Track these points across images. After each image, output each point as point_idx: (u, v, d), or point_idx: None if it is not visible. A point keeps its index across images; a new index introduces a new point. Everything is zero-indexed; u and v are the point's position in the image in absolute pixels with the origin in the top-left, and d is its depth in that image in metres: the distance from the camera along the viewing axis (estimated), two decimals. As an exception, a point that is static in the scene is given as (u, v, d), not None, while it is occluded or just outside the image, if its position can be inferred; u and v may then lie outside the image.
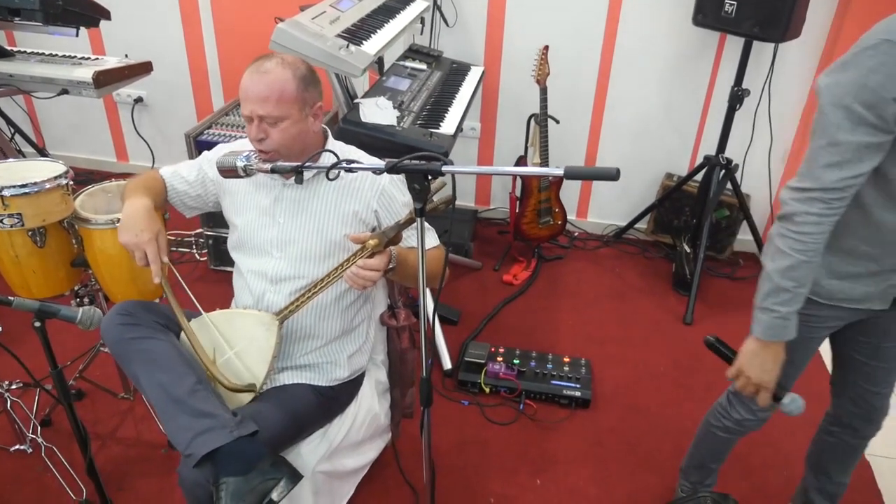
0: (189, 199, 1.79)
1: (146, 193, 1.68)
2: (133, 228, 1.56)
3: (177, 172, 1.78)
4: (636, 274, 3.34)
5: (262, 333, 1.58)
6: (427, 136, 2.18)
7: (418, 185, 1.19)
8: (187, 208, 1.82)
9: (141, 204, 1.61)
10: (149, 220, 1.58)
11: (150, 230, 1.57)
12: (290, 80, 1.52)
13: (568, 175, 1.05)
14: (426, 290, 1.55)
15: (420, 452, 2.28)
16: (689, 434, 2.39)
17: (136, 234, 1.55)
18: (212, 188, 1.77)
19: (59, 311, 1.35)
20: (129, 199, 1.63)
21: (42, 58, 2.73)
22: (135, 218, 1.58)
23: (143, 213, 1.59)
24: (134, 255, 1.57)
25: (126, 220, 1.58)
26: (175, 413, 1.48)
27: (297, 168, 1.34)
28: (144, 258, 1.56)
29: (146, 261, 1.56)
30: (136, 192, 1.67)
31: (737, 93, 2.89)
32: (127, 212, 1.60)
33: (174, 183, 1.78)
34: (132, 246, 1.56)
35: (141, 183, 1.72)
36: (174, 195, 1.78)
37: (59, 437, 2.24)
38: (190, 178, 1.77)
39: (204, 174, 1.76)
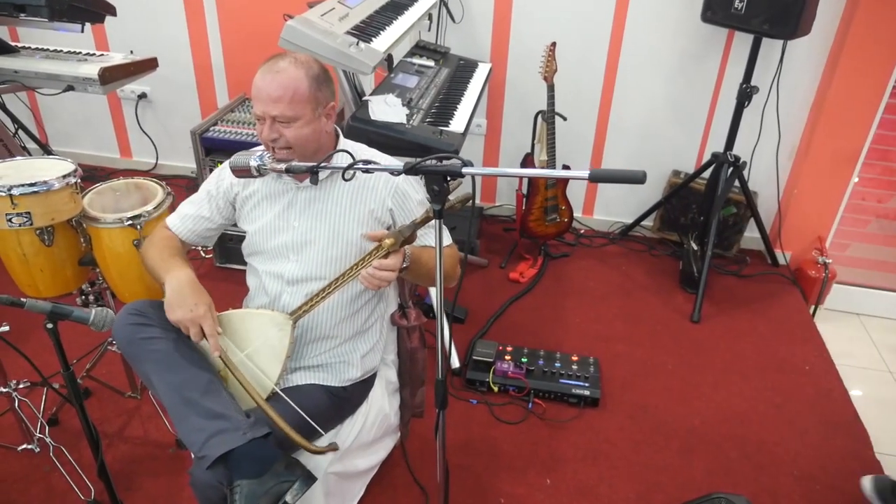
0: (207, 231, 1.77)
1: (180, 260, 1.65)
2: (185, 304, 1.52)
3: (185, 216, 1.76)
4: (643, 272, 3.33)
5: (276, 334, 1.57)
6: (437, 134, 2.16)
7: (437, 187, 1.17)
8: (209, 240, 1.81)
9: (185, 276, 1.57)
10: (199, 293, 1.56)
11: (203, 303, 1.54)
12: (303, 80, 1.50)
13: (593, 178, 1.03)
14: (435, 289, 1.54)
15: (429, 452, 2.29)
16: (698, 432, 2.40)
17: (191, 308, 1.52)
18: (225, 210, 1.75)
19: (72, 313, 1.34)
20: (168, 273, 1.58)
21: (47, 54, 2.70)
22: (184, 293, 1.54)
23: (191, 285, 1.56)
24: (188, 331, 1.53)
25: (175, 297, 1.53)
26: (187, 414, 1.47)
27: (312, 168, 1.33)
28: (200, 334, 1.53)
29: (201, 336, 1.53)
30: (168, 262, 1.63)
31: (745, 90, 2.88)
32: (173, 287, 1.55)
33: (188, 226, 1.75)
34: (187, 322, 1.52)
35: (164, 251, 1.68)
36: (193, 238, 1.77)
37: (66, 436, 2.23)
38: (205, 213, 1.74)
39: (215, 202, 1.74)
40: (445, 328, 2.68)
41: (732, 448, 2.35)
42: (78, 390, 1.43)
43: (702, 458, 2.30)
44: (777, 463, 2.30)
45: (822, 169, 3.13)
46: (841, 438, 2.41)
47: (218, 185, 1.72)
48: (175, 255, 1.66)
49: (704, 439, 2.37)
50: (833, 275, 3.14)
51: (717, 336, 2.90)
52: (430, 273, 1.60)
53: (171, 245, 1.71)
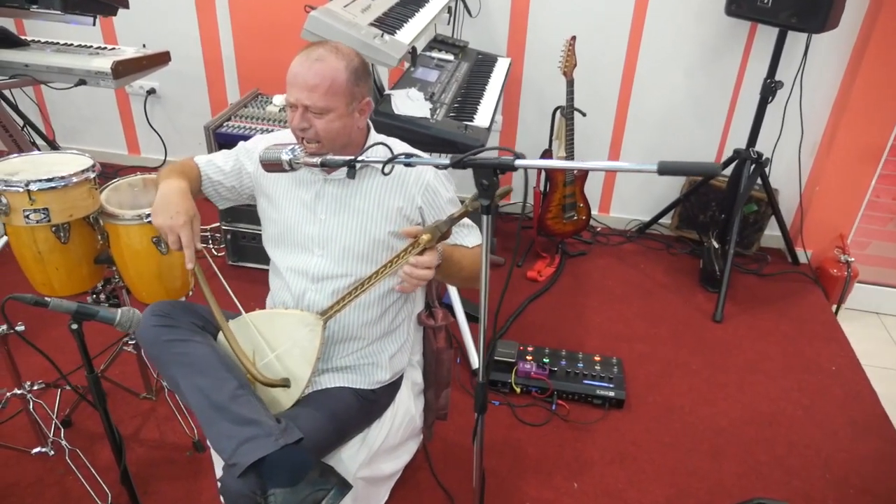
0: (224, 189, 1.72)
1: (181, 177, 1.61)
2: (167, 210, 1.49)
3: (212, 161, 1.71)
4: (661, 270, 3.28)
5: (306, 334, 1.51)
6: (462, 129, 2.11)
7: (486, 181, 1.12)
8: (221, 199, 1.75)
9: (176, 185, 1.54)
10: (184, 203, 1.51)
11: (185, 213, 1.49)
12: (342, 72, 1.45)
13: (662, 171, 0.98)
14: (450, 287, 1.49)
15: (453, 455, 2.24)
16: (726, 434, 2.35)
17: (171, 216, 1.48)
18: (247, 181, 1.70)
19: (98, 313, 1.28)
20: (164, 181, 1.56)
21: (57, 47, 2.64)
22: (169, 199, 1.51)
23: (178, 194, 1.52)
24: (167, 238, 1.50)
25: (160, 202, 1.51)
26: (217, 419, 1.41)
27: (349, 163, 1.27)
28: (178, 242, 1.49)
29: (179, 244, 1.49)
30: (171, 175, 1.60)
31: (770, 85, 2.82)
32: (161, 193, 1.52)
33: (209, 172, 1.70)
34: (166, 229, 1.48)
35: (176, 168, 1.65)
36: (208, 184, 1.71)
37: (80, 438, 2.17)
38: (226, 167, 1.70)
39: (241, 165, 1.69)
40: (465, 327, 2.65)
41: (762, 451, 2.30)
42: (102, 394, 1.38)
43: (732, 461, 2.25)
44: (808, 466, 2.25)
45: (845, 166, 3.08)
46: (872, 440, 2.36)
47: (249, 154, 1.67)
48: (182, 174, 1.62)
49: (733, 441, 2.32)
50: (855, 273, 3.09)
51: (741, 336, 2.85)
52: (460, 272, 1.55)
53: (185, 171, 1.66)
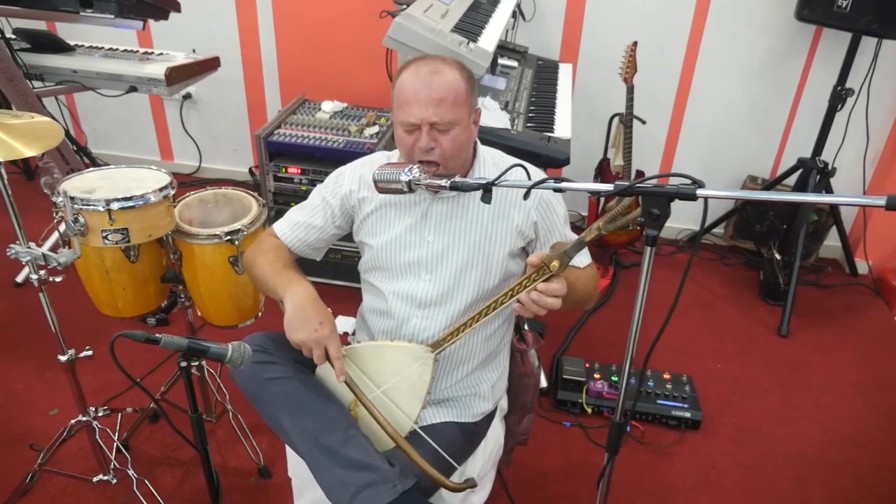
0: (318, 242, 1.60)
1: (297, 273, 1.49)
2: (310, 323, 1.36)
3: (296, 224, 1.58)
4: (718, 282, 3.18)
5: (416, 368, 1.41)
6: (545, 141, 2.01)
7: (658, 211, 1.02)
8: (318, 252, 1.63)
9: (306, 292, 1.40)
10: (322, 310, 1.39)
11: (328, 321, 1.38)
12: (461, 82, 1.35)
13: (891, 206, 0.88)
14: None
15: (529, 482, 2.15)
16: (808, 458, 2.26)
17: (315, 328, 1.35)
18: (342, 221, 1.58)
19: (209, 350, 1.18)
20: (287, 288, 1.41)
21: (104, 52, 2.55)
22: (306, 310, 1.37)
23: (314, 303, 1.39)
24: (310, 353, 1.37)
25: (298, 316, 1.37)
26: (328, 464, 1.31)
27: (486, 185, 1.17)
28: (324, 356, 1.37)
29: (325, 359, 1.37)
30: (284, 275, 1.46)
31: (840, 92, 2.73)
32: (294, 305, 1.38)
33: (299, 236, 1.58)
34: (311, 343, 1.35)
35: (276, 262, 1.51)
36: (302, 248, 1.59)
37: (138, 464, 2.07)
38: (316, 222, 1.57)
39: (329, 210, 1.57)
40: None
41: (847, 474, 2.21)
42: (204, 435, 1.28)
43: (817, 485, 2.16)
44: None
45: (909, 175, 2.99)
46: (960, 463, 2.28)
47: (335, 191, 1.55)
48: (290, 267, 1.50)
49: (817, 465, 2.23)
50: (919, 285, 3.01)
51: (809, 351, 2.76)
52: (576, 297, 1.45)
53: (283, 255, 1.55)
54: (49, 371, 2.41)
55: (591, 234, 1.28)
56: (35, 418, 2.25)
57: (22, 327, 2.62)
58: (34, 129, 1.48)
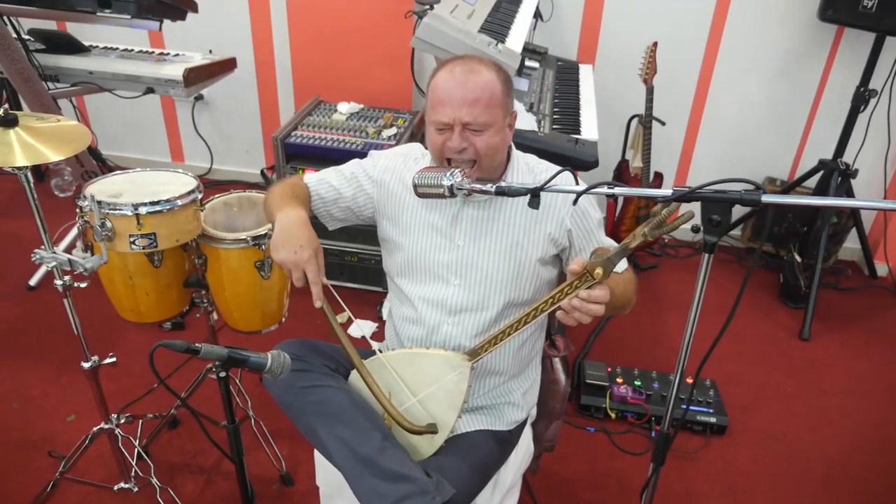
0: (338, 210, 1.57)
1: (296, 202, 1.46)
2: (291, 244, 1.33)
3: (325, 180, 1.56)
4: (736, 284, 3.15)
5: (452, 377, 1.37)
6: (572, 143, 1.98)
7: (719, 217, 0.99)
8: (332, 220, 1.60)
9: (296, 215, 1.38)
10: (308, 235, 1.35)
11: (310, 246, 1.33)
12: (497, 83, 1.33)
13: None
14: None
15: (555, 488, 2.11)
16: (837, 464, 2.23)
17: (295, 250, 1.32)
18: (367, 203, 1.55)
19: (248, 359, 1.15)
20: (281, 210, 1.40)
21: (121, 53, 2.52)
22: (290, 232, 1.35)
23: (299, 225, 1.36)
24: (290, 274, 1.34)
25: (281, 235, 1.35)
26: (365, 475, 1.28)
27: (534, 191, 1.14)
28: (303, 279, 1.33)
29: (304, 281, 1.33)
30: (286, 201, 1.44)
31: (862, 93, 2.71)
32: (281, 225, 1.36)
33: (321, 191, 1.55)
34: (290, 264, 1.32)
35: (287, 191, 1.49)
36: (320, 204, 1.56)
37: (158, 472, 2.03)
38: (342, 188, 1.54)
39: (360, 186, 1.54)
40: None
41: (877, 481, 2.18)
42: (241, 446, 1.24)
43: (847, 492, 2.13)
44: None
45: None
46: None
47: (368, 172, 1.53)
48: (296, 198, 1.47)
49: (845, 471, 2.21)
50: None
51: (831, 355, 2.74)
52: (616, 302, 1.42)
53: (299, 193, 1.51)
54: (64, 376, 2.38)
55: (635, 240, 1.24)
56: (52, 425, 2.21)
57: (36, 332, 2.58)
58: (62, 133, 1.45)
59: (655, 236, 1.22)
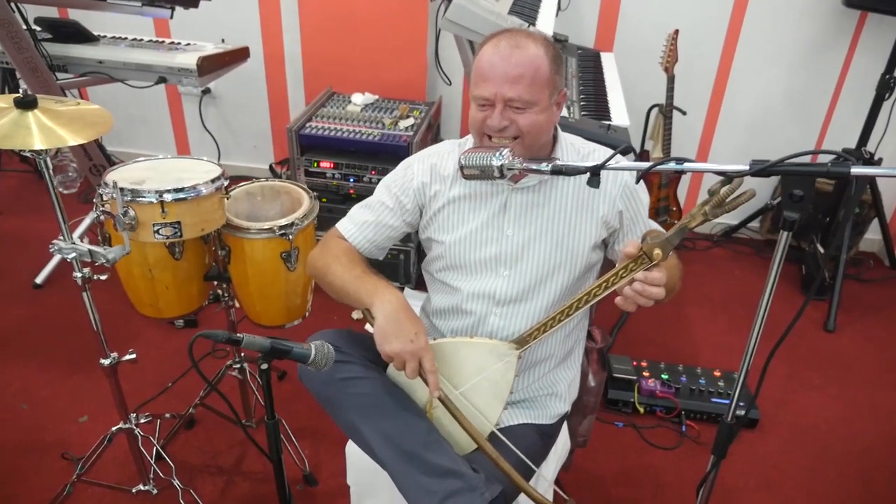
0: (387, 240, 1.49)
1: (383, 279, 1.37)
2: (405, 333, 1.24)
3: (363, 224, 1.47)
4: (757, 276, 3.10)
5: (499, 367, 1.31)
6: (604, 129, 1.92)
7: (801, 192, 0.94)
8: (382, 252, 1.52)
9: (398, 300, 1.28)
10: (418, 321, 1.28)
11: (423, 333, 1.27)
12: (544, 59, 1.26)
13: None
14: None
15: (585, 485, 2.05)
16: (870, 457, 2.18)
17: (411, 339, 1.24)
18: (413, 218, 1.47)
19: (292, 350, 1.08)
20: (376, 295, 1.29)
21: (131, 43, 2.44)
22: (401, 320, 1.26)
23: (408, 311, 1.28)
24: (405, 366, 1.26)
25: (391, 325, 1.25)
26: (411, 471, 1.22)
27: (594, 168, 1.08)
28: (417, 370, 1.26)
29: (418, 372, 1.26)
30: (368, 280, 1.34)
31: (888, 80, 2.66)
32: (386, 313, 1.26)
33: (368, 235, 1.47)
34: (407, 355, 1.24)
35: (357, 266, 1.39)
36: (370, 249, 1.48)
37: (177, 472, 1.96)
38: (387, 220, 1.46)
39: (402, 207, 1.45)
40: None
41: (913, 473, 2.13)
42: (279, 443, 1.18)
43: (885, 485, 2.08)
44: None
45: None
46: None
47: (405, 187, 1.44)
48: (370, 272, 1.39)
49: (880, 464, 2.16)
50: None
51: (858, 346, 2.69)
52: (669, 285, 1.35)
53: (357, 258, 1.44)
54: (75, 376, 2.31)
55: (694, 220, 1.19)
56: (64, 426, 2.14)
57: (44, 331, 2.50)
58: (83, 116, 1.38)
59: (717, 215, 1.17)
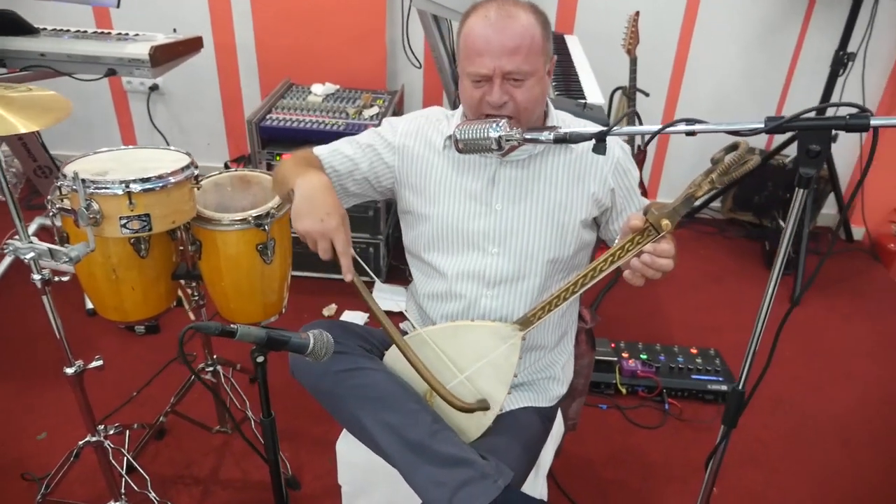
0: (353, 183, 1.43)
1: (318, 170, 1.33)
2: (316, 211, 1.19)
3: (338, 150, 1.42)
4: (723, 255, 3.16)
5: (503, 350, 1.26)
6: (580, 108, 1.90)
7: (819, 147, 0.92)
8: (347, 195, 1.45)
9: (318, 180, 1.24)
10: (334, 201, 1.22)
11: (337, 213, 1.20)
12: (537, 27, 1.22)
13: None
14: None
15: (574, 468, 2.03)
16: (848, 421, 2.23)
17: (321, 217, 1.18)
18: (385, 174, 1.42)
19: (290, 340, 1.01)
20: (300, 175, 1.25)
21: (74, 34, 2.29)
22: (315, 198, 1.21)
23: (325, 191, 1.22)
24: (316, 245, 1.20)
25: (304, 203, 1.21)
26: (418, 462, 1.16)
27: (600, 135, 1.04)
28: (330, 250, 1.20)
29: (331, 253, 1.20)
30: (301, 168, 1.30)
31: (841, 57, 2.72)
32: (303, 191, 1.22)
33: (333, 163, 1.41)
34: (316, 234, 1.19)
35: (301, 163, 1.36)
36: (334, 178, 1.41)
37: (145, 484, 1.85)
38: (358, 159, 1.41)
39: (376, 153, 1.41)
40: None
41: (891, 437, 2.19)
42: (277, 442, 1.10)
43: (863, 450, 2.13)
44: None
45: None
46: None
47: (387, 139, 1.40)
48: (312, 167, 1.34)
49: (858, 427, 2.21)
50: (917, 247, 3.05)
51: (823, 317, 2.76)
52: None
53: (314, 163, 1.38)
54: (30, 391, 2.16)
55: (701, 189, 1.17)
56: (20, 445, 1.99)
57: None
58: (37, 102, 1.27)
59: (723, 183, 1.16)
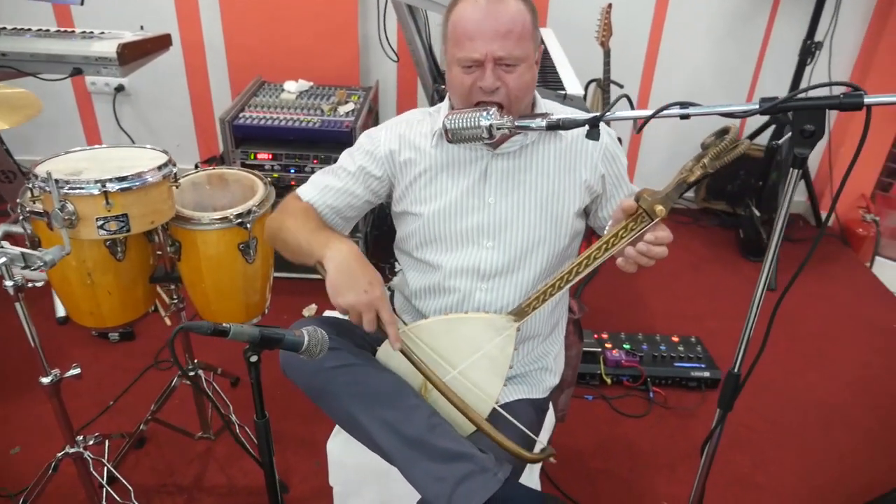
0: (352, 210, 1.40)
1: (334, 232, 1.31)
2: (358, 284, 1.17)
3: (325, 188, 1.38)
4: (699, 244, 3.20)
5: (497, 341, 1.24)
6: (560, 98, 1.90)
7: (813, 126, 0.92)
8: (346, 223, 1.43)
9: (349, 250, 1.21)
10: (372, 271, 1.20)
11: (378, 282, 1.18)
12: (526, 13, 1.21)
13: None
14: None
15: (566, 462, 2.03)
16: (828, 405, 2.28)
17: (365, 289, 1.16)
18: (380, 187, 1.39)
19: (284, 338, 0.98)
20: (328, 246, 1.22)
21: (36, 33, 2.20)
22: (354, 270, 1.18)
23: (360, 261, 1.20)
24: (361, 318, 1.17)
25: (343, 277, 1.18)
26: (417, 458, 1.14)
27: (593, 120, 1.03)
28: (375, 321, 1.18)
29: (376, 325, 1.18)
30: (321, 233, 1.28)
31: (809, 46, 2.77)
32: (337, 264, 1.19)
33: (327, 201, 1.38)
34: (362, 307, 1.16)
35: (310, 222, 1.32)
36: (332, 214, 1.39)
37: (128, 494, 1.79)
38: (349, 188, 1.37)
39: (367, 174, 1.37)
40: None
41: (868, 417, 2.23)
42: (271, 444, 1.07)
43: (844, 431, 2.17)
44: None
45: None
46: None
47: (370, 153, 1.36)
48: (325, 227, 1.32)
49: (837, 410, 2.25)
50: (885, 231, 3.12)
51: (798, 302, 2.80)
52: None
53: (315, 216, 1.35)
54: (0, 403, 2.08)
55: (693, 174, 1.18)
56: (-5, 460, 1.92)
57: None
58: (6, 100, 1.21)
59: (715, 167, 1.16)
